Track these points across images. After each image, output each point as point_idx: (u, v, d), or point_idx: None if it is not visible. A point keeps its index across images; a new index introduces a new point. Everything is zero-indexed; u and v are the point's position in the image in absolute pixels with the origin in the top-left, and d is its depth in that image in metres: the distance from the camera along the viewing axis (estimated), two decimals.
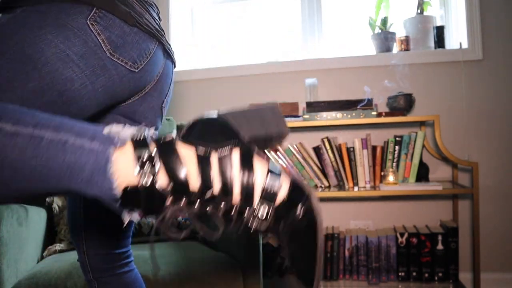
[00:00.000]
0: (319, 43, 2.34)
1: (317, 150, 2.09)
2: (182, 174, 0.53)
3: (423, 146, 2.00)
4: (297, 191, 0.57)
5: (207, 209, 0.55)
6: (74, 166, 0.51)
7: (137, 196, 0.52)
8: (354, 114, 1.95)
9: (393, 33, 2.20)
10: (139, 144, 0.54)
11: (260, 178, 0.56)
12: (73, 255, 1.46)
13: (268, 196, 0.55)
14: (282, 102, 2.11)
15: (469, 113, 2.10)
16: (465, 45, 2.09)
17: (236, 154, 0.56)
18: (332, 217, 2.22)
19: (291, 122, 1.99)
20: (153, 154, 0.53)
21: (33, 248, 1.55)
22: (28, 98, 0.65)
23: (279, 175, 0.57)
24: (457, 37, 2.18)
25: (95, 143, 0.52)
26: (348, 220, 2.21)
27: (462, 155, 2.07)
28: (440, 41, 2.14)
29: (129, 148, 0.53)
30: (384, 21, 2.19)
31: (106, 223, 0.95)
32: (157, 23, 0.83)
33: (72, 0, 0.70)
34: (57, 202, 1.73)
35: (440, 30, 2.15)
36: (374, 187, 1.97)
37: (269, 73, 2.28)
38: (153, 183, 0.52)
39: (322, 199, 2.22)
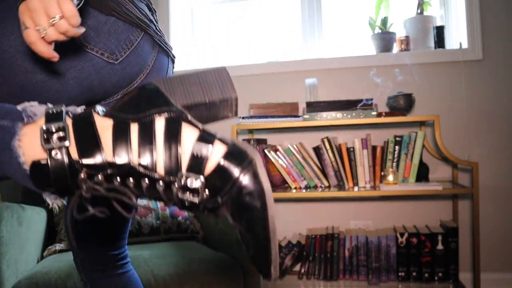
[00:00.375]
0: (319, 43, 2.34)
1: (317, 150, 2.09)
2: (94, 146, 0.49)
3: (423, 146, 2.00)
4: (235, 158, 0.49)
5: (129, 184, 0.49)
6: None
7: (47, 172, 0.48)
8: (354, 114, 1.95)
9: (393, 33, 2.20)
10: (52, 117, 0.50)
11: (187, 146, 0.49)
12: None
13: (196, 164, 0.48)
14: (282, 102, 2.11)
15: (469, 113, 2.10)
16: (465, 45, 2.09)
17: (160, 122, 0.51)
18: (332, 217, 2.22)
19: (291, 122, 1.99)
20: (63, 126, 0.49)
21: (33, 248, 1.55)
22: None
23: (211, 140, 0.49)
24: (457, 37, 2.18)
25: (5, 120, 0.50)
26: (348, 220, 2.21)
27: (462, 155, 2.07)
28: (440, 41, 2.14)
29: (40, 122, 0.50)
30: (384, 21, 2.19)
31: (97, 225, 0.92)
32: (143, 14, 0.78)
33: None
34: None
35: (440, 30, 2.15)
36: (374, 187, 1.97)
37: (269, 73, 2.28)
38: (62, 157, 0.48)
39: (322, 199, 2.23)
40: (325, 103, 2.02)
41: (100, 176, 0.49)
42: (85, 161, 0.49)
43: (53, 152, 0.48)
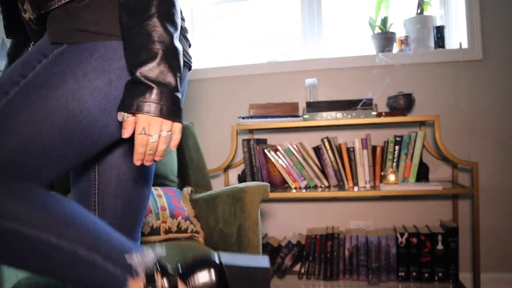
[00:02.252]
0: (319, 43, 2.34)
1: (317, 150, 2.09)
2: None
3: (423, 146, 2.00)
4: None
5: None
6: (96, 285, 0.67)
7: None
8: (354, 114, 1.95)
9: (393, 33, 2.20)
10: (149, 278, 0.70)
11: None
12: None
13: None
14: (282, 102, 2.11)
15: (469, 113, 2.10)
16: (465, 45, 2.09)
17: None
18: (332, 217, 2.22)
19: (291, 122, 1.99)
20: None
21: None
22: (66, 151, 0.72)
23: None
24: (457, 37, 2.17)
25: (117, 269, 0.68)
26: (348, 220, 2.21)
27: (462, 155, 2.07)
28: (440, 41, 2.14)
29: (141, 280, 0.69)
30: (384, 21, 2.19)
31: (120, 223, 0.92)
32: (188, 46, 0.92)
33: (120, 38, 0.72)
34: None
35: (440, 30, 2.15)
36: (374, 187, 1.97)
37: (269, 73, 2.28)
38: None
39: (322, 199, 2.23)
40: (325, 103, 2.02)
41: None
42: None
43: None
